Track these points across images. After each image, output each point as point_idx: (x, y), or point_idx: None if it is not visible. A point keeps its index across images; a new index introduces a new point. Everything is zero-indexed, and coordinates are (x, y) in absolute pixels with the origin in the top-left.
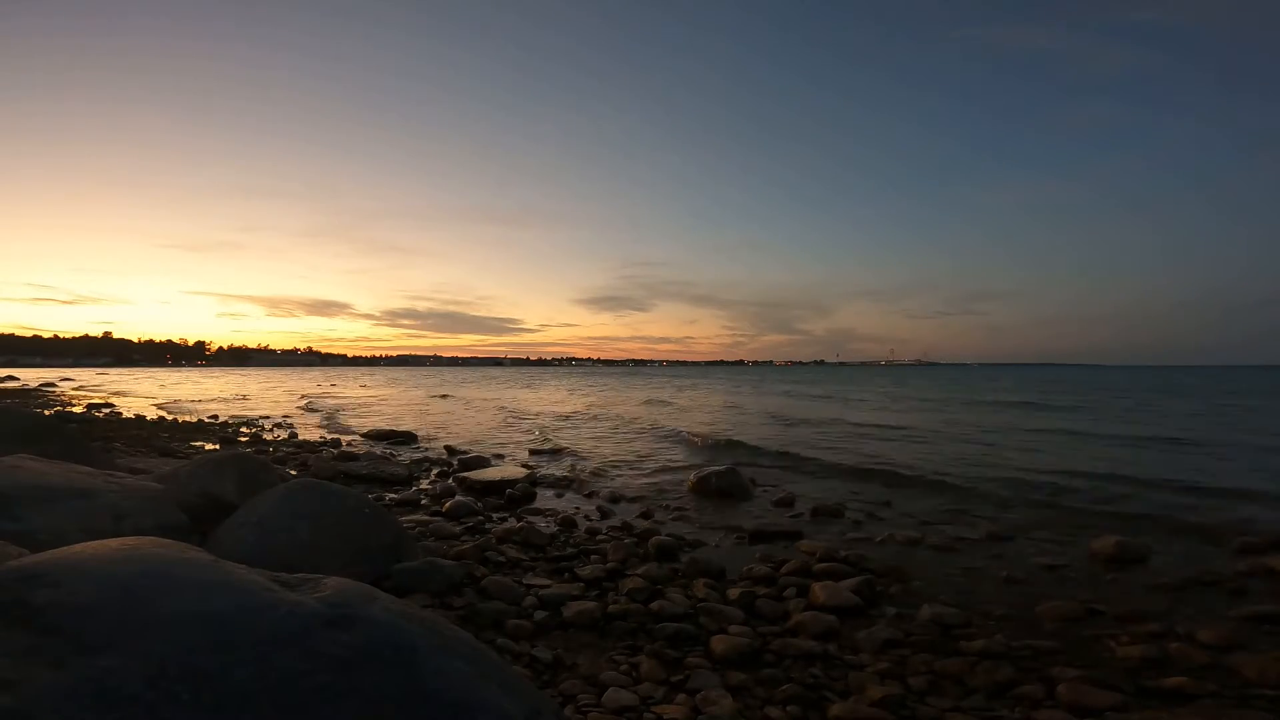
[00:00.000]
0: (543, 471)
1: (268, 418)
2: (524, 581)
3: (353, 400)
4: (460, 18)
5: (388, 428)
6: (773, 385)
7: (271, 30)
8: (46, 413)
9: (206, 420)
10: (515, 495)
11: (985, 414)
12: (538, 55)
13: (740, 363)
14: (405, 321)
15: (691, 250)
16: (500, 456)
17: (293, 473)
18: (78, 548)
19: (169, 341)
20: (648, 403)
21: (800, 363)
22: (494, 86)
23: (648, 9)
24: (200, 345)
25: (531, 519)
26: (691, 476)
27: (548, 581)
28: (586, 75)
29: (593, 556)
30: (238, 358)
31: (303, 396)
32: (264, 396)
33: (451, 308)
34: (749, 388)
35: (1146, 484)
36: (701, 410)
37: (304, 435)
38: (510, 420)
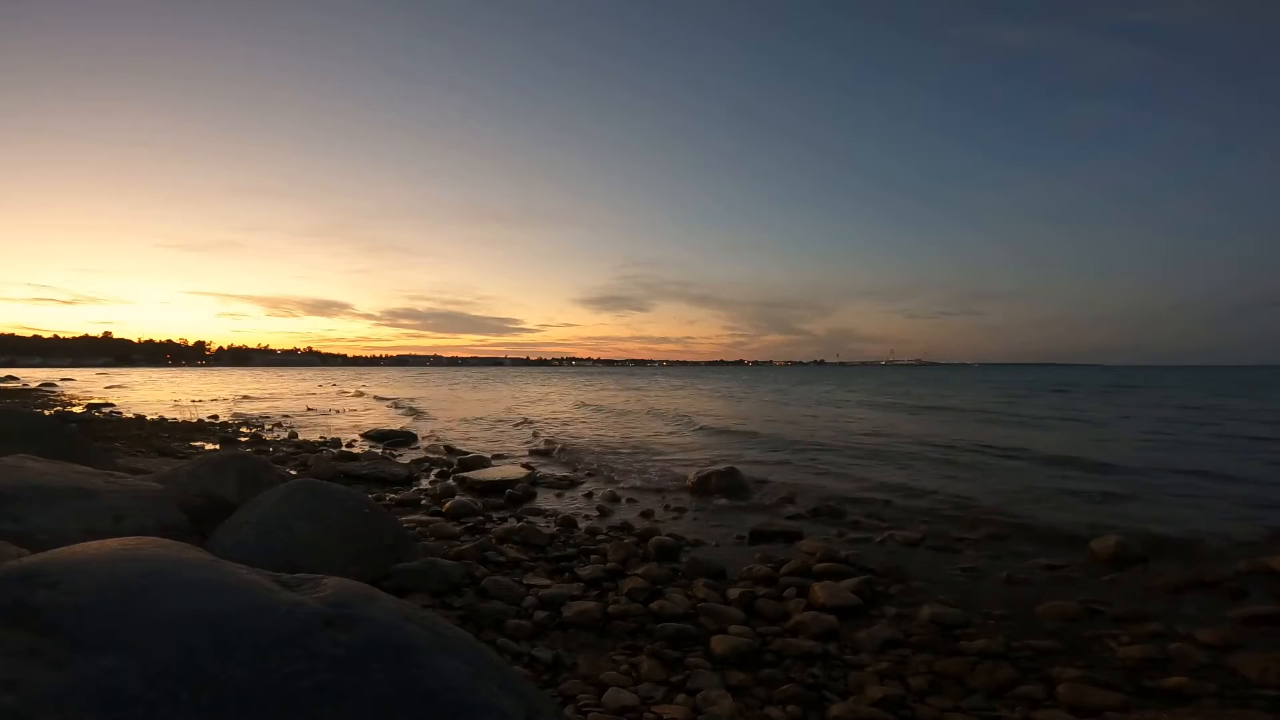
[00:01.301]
0: (543, 471)
1: (267, 417)
2: (524, 581)
3: (279, 403)
4: (460, 18)
5: (387, 428)
6: (751, 387)
7: (272, 30)
8: (46, 413)
9: (206, 420)
10: (515, 495)
11: (986, 414)
12: (538, 55)
13: (740, 363)
14: (405, 321)
15: (691, 250)
16: (500, 456)
17: (293, 473)
18: (78, 548)
19: (169, 341)
20: (580, 406)
21: (800, 363)
22: (494, 86)
23: (648, 9)
24: (200, 345)
25: (531, 519)
26: (691, 476)
27: (548, 581)
28: (586, 75)
29: (593, 556)
30: (238, 358)
31: (244, 398)
32: (220, 395)
33: (451, 308)
34: (725, 390)
35: (1146, 484)
36: (626, 416)
37: (303, 435)
38: (412, 424)
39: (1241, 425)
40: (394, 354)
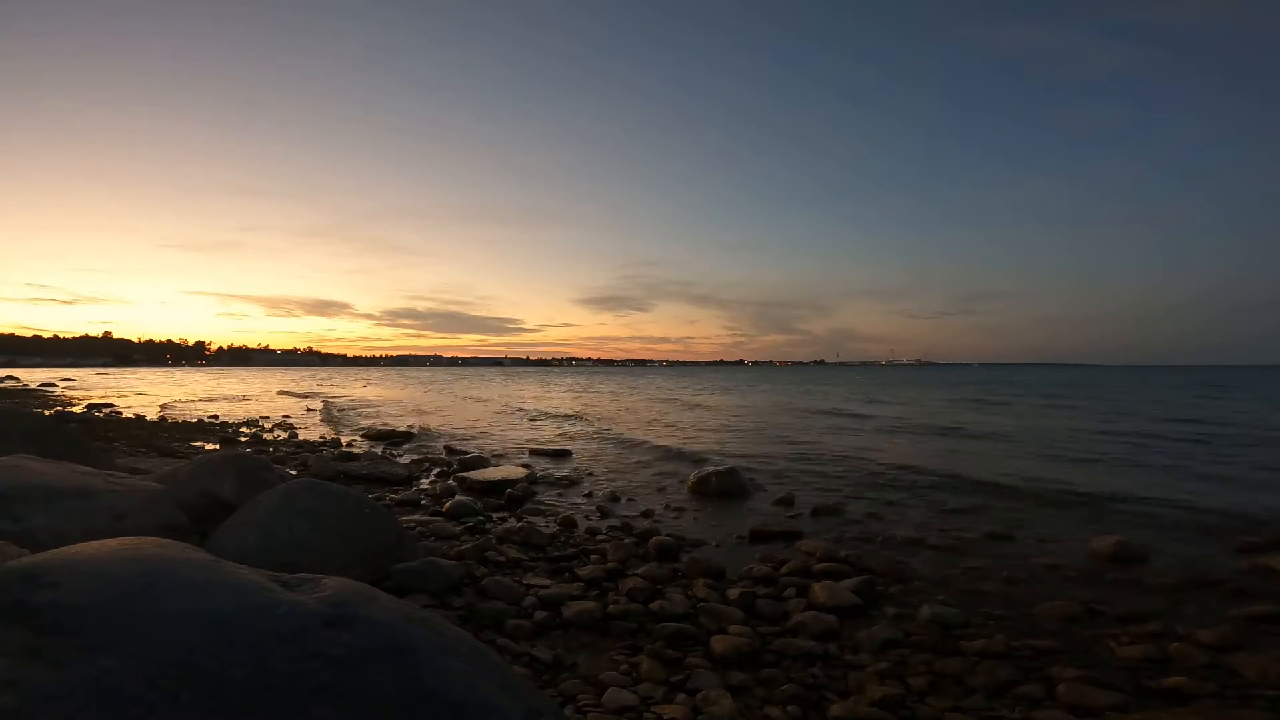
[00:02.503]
0: (543, 471)
1: (267, 417)
2: (524, 581)
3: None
4: (460, 18)
5: (387, 427)
6: (722, 388)
7: (272, 31)
8: (46, 413)
9: (206, 420)
10: (515, 495)
11: (988, 415)
12: (538, 55)
13: (740, 363)
14: (405, 321)
15: (691, 250)
16: (500, 456)
17: (293, 473)
18: (78, 548)
19: (169, 341)
20: (501, 411)
21: (800, 363)
22: (494, 87)
23: (648, 9)
24: (200, 345)
25: (531, 519)
26: (691, 476)
27: (548, 581)
28: (587, 75)
29: (593, 556)
30: (238, 358)
31: (200, 399)
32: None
33: (451, 308)
34: (679, 394)
35: (1146, 484)
36: (539, 422)
37: (303, 435)
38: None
39: (1236, 426)
40: (394, 354)
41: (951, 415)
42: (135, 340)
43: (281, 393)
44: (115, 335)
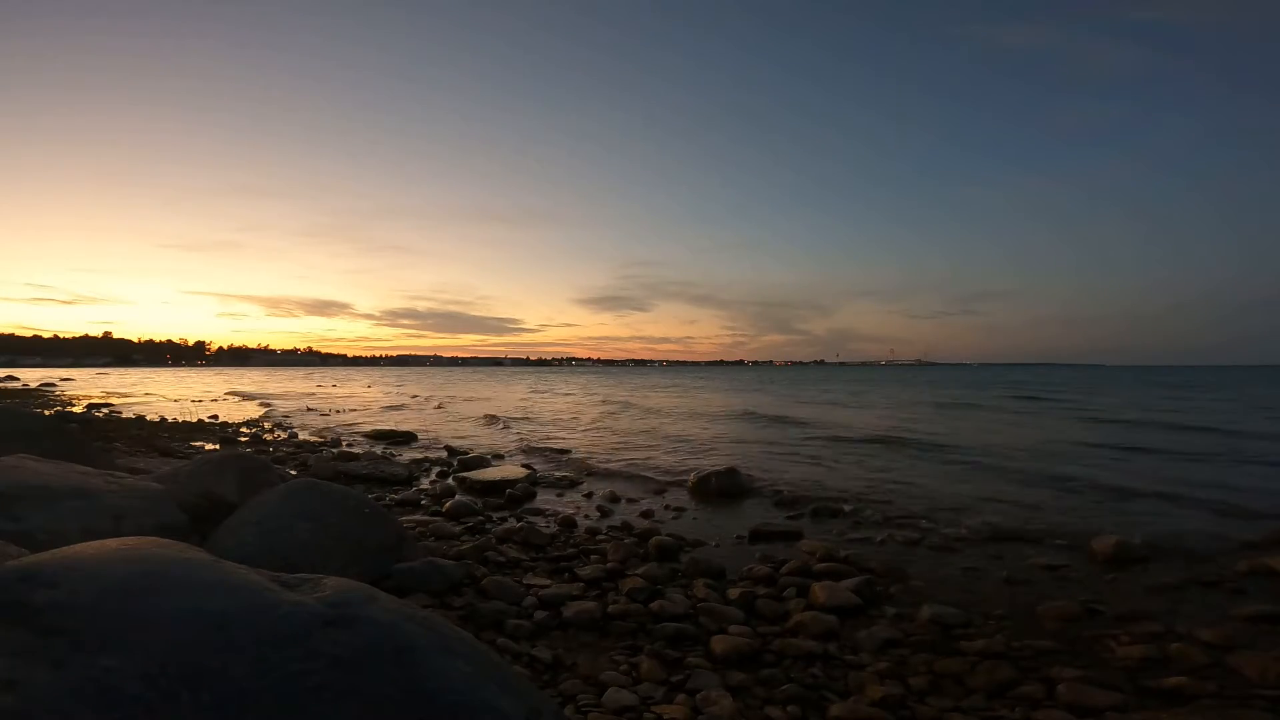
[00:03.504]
0: (543, 471)
1: (268, 418)
2: (524, 581)
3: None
4: (460, 19)
5: (387, 427)
6: (705, 389)
7: (272, 32)
8: (46, 413)
9: (206, 420)
10: (515, 495)
11: (986, 416)
12: (537, 55)
13: (740, 363)
14: (405, 321)
15: (691, 250)
16: (499, 456)
17: (293, 473)
18: (78, 548)
19: (169, 341)
20: (438, 413)
21: (800, 363)
22: (494, 87)
23: (648, 9)
24: (200, 345)
25: (531, 519)
26: (691, 476)
27: (548, 581)
28: (586, 76)
29: (593, 556)
30: (238, 358)
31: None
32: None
33: (451, 308)
34: (681, 394)
35: (1145, 485)
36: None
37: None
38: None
39: (1235, 427)
40: (394, 354)
41: (951, 416)
42: (135, 340)
43: (230, 394)
44: (115, 335)
